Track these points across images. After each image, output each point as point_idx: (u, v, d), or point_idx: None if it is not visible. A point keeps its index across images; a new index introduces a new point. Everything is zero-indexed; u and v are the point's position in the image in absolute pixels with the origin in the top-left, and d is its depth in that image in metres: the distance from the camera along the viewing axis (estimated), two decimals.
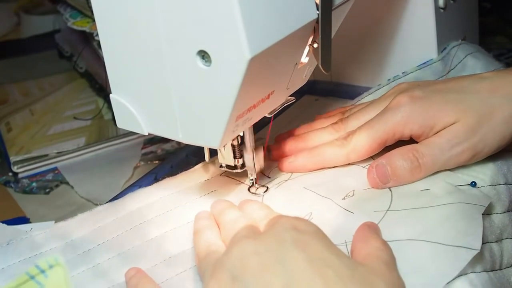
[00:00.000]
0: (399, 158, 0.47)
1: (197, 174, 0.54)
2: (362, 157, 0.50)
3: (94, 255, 0.46)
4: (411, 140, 0.49)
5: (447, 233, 0.41)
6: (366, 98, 0.61)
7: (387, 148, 0.50)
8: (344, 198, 0.48)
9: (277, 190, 0.51)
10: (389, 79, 0.62)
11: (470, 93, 0.48)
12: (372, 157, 0.51)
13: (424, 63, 0.62)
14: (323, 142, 0.52)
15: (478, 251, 0.39)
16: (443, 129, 0.47)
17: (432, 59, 0.62)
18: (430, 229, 0.42)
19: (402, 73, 0.62)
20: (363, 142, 0.49)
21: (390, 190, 0.47)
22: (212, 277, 0.37)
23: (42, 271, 0.36)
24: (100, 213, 0.50)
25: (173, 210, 0.50)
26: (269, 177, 0.53)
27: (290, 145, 0.54)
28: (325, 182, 0.50)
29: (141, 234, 0.48)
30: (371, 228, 0.42)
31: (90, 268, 0.45)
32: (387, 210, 0.45)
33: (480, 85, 0.48)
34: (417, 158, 0.47)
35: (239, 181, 0.53)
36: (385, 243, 0.40)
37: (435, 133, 0.48)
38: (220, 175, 0.54)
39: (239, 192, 0.52)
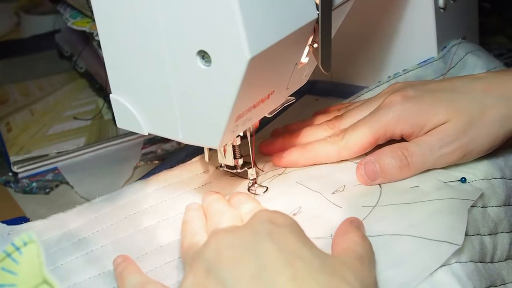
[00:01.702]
0: (388, 156, 0.48)
1: (193, 167, 0.55)
2: (354, 154, 0.51)
3: (88, 242, 0.47)
4: (404, 139, 0.49)
5: (432, 228, 0.41)
6: (365, 95, 0.61)
7: (379, 147, 0.50)
8: (334, 193, 0.48)
9: (270, 184, 0.52)
10: (389, 76, 0.62)
11: (463, 93, 0.48)
12: (366, 154, 0.51)
13: (425, 61, 0.62)
14: (317, 138, 0.53)
15: (460, 246, 0.40)
16: (434, 128, 0.47)
17: (433, 57, 0.62)
18: (415, 224, 0.42)
19: (403, 70, 0.62)
20: (355, 139, 0.50)
21: (380, 187, 0.48)
22: (190, 269, 0.37)
23: (17, 249, 0.37)
24: (98, 203, 0.51)
25: (167, 201, 0.51)
26: (263, 171, 0.53)
27: (284, 140, 0.54)
28: (318, 177, 0.51)
29: (135, 223, 0.49)
30: (353, 223, 0.43)
31: (83, 255, 0.46)
32: (375, 205, 0.46)
33: (473, 85, 0.48)
34: (406, 156, 0.47)
35: (234, 174, 0.53)
36: (364, 238, 0.40)
37: (426, 132, 0.48)
38: (216, 167, 0.54)
39: (233, 185, 0.52)
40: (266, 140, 0.56)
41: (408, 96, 0.49)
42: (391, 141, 0.50)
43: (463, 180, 0.46)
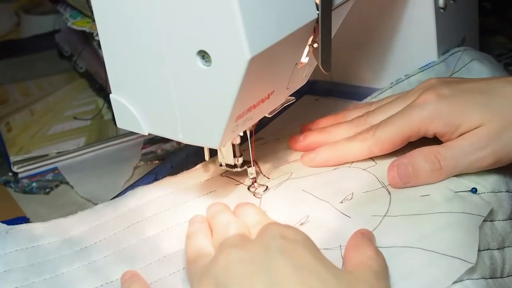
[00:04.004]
0: (421, 159, 0.47)
1: (197, 174, 0.54)
2: (385, 151, 0.50)
3: (90, 252, 0.46)
4: (434, 138, 0.48)
5: (443, 242, 0.41)
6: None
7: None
8: (342, 202, 0.47)
9: (276, 191, 0.51)
10: (391, 83, 0.62)
11: (499, 97, 0.47)
12: (373, 160, 0.51)
13: (426, 65, 0.62)
14: (346, 136, 0.52)
15: (473, 264, 0.39)
16: (468, 131, 0.46)
17: (434, 61, 0.62)
18: (426, 237, 0.41)
19: (405, 75, 0.61)
20: (387, 136, 0.49)
21: (389, 194, 0.47)
22: (198, 285, 0.37)
23: None
24: (100, 210, 0.50)
25: (171, 209, 0.50)
26: (269, 178, 0.53)
27: (313, 138, 0.54)
28: (325, 184, 0.50)
29: (138, 233, 0.48)
30: (365, 236, 0.41)
31: (85, 265, 0.45)
32: (384, 215, 0.45)
33: (509, 88, 0.47)
34: (439, 160, 0.46)
35: (238, 181, 0.53)
36: (377, 252, 0.39)
37: (460, 135, 0.47)
38: (220, 175, 0.54)
39: (238, 193, 0.51)
40: (295, 136, 0.55)
41: (442, 95, 0.48)
42: (422, 139, 0.49)
43: (474, 190, 0.45)
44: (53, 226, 0.49)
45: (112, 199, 0.53)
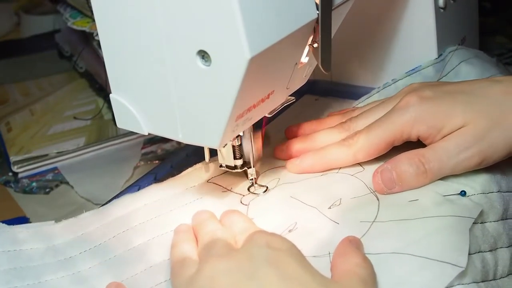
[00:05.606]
0: (405, 163, 0.46)
1: (183, 181, 0.53)
2: (370, 156, 0.50)
3: (75, 262, 0.46)
4: (419, 141, 0.48)
5: (433, 247, 0.40)
6: (358, 106, 0.60)
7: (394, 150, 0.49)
8: (330, 208, 0.47)
9: (264, 198, 0.50)
10: (378, 87, 0.62)
11: (482, 96, 0.46)
12: (361, 165, 0.51)
13: (413, 69, 0.61)
14: (331, 142, 0.52)
15: (464, 268, 0.39)
16: (452, 132, 0.46)
17: (421, 65, 0.61)
18: (416, 242, 0.41)
19: (392, 80, 0.61)
20: (370, 141, 0.49)
21: (378, 200, 0.46)
22: None
23: None
24: (85, 219, 0.49)
25: (157, 218, 0.49)
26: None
27: (297, 145, 0.53)
28: (313, 190, 0.49)
29: (125, 242, 0.47)
30: (352, 243, 0.41)
31: (69, 275, 0.45)
32: (373, 221, 0.44)
33: (492, 88, 0.47)
34: (423, 163, 0.46)
35: (225, 188, 0.52)
36: (365, 259, 0.39)
37: (443, 136, 0.46)
38: (207, 181, 0.53)
39: (225, 200, 0.51)
40: (280, 146, 0.54)
41: (425, 97, 0.47)
42: (406, 144, 0.49)
43: (463, 193, 0.45)
44: (36, 232, 0.48)
45: (111, 199, 0.53)
